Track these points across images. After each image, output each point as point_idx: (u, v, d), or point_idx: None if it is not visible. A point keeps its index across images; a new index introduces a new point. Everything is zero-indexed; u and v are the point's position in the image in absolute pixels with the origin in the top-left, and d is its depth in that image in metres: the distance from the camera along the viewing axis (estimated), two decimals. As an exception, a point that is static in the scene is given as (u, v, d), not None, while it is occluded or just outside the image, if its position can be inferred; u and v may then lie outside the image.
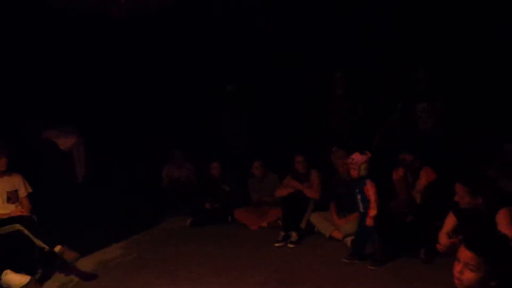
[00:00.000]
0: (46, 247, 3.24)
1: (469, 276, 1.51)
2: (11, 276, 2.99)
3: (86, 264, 3.60)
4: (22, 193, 3.74)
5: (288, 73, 5.22)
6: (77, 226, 3.91)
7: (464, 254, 1.54)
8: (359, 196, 3.42)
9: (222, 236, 4.31)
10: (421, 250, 3.26)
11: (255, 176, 4.83)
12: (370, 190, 3.35)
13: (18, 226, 3.28)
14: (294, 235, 3.96)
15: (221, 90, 5.50)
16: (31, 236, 3.24)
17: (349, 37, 4.93)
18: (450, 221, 2.88)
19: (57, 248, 3.32)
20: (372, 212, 3.30)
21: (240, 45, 5.30)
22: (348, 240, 3.75)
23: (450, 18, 4.45)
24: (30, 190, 3.81)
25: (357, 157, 3.39)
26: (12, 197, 3.66)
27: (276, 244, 3.91)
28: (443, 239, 2.82)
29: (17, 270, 3.08)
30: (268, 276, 3.22)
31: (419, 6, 4.62)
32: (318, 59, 5.08)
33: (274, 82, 5.30)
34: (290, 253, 3.73)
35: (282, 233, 4.01)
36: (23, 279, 3.00)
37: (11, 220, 3.39)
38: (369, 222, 3.30)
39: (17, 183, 3.74)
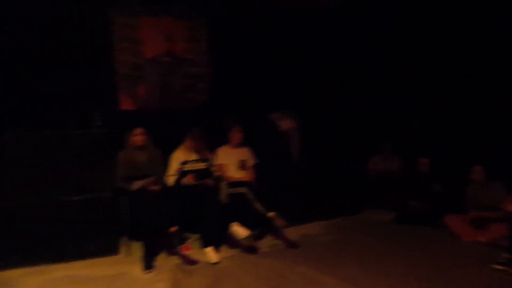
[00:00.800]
0: (263, 211, 3.80)
1: None
2: (237, 228, 3.69)
3: (290, 233, 4.02)
4: (250, 162, 4.43)
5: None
6: (287, 198, 4.39)
7: None
8: None
9: (428, 241, 3.97)
10: None
11: (474, 181, 4.23)
12: None
13: (244, 189, 3.97)
14: (523, 262, 3.28)
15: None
16: (252, 199, 3.88)
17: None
18: None
19: (271, 214, 3.80)
20: None
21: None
22: None
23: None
24: (255, 161, 4.50)
25: None
26: (242, 165, 4.38)
27: (496, 266, 3.32)
28: None
29: (241, 224, 3.76)
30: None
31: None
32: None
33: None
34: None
35: (506, 256, 3.37)
36: (245, 232, 3.65)
37: (240, 183, 4.10)
38: None
39: (246, 154, 4.44)
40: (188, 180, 3.91)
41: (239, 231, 3.69)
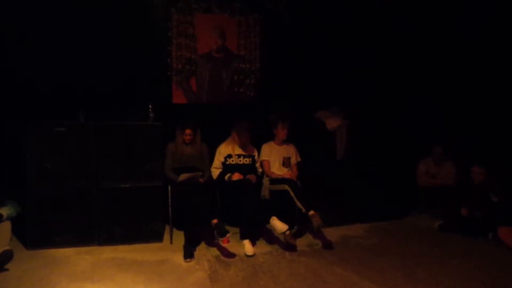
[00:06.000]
0: (304, 209, 3.78)
1: None
2: (276, 222, 3.73)
3: (331, 234, 3.99)
4: (293, 160, 4.44)
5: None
6: (329, 198, 4.34)
7: None
8: None
9: (477, 253, 3.73)
10: None
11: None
12: None
13: (286, 187, 3.98)
14: None
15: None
16: (294, 197, 3.87)
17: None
18: None
19: (311, 213, 3.75)
20: None
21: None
22: None
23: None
24: (299, 159, 4.49)
25: None
26: (286, 162, 4.40)
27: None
28: None
29: (281, 220, 3.79)
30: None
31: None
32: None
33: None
34: None
35: None
36: (283, 227, 3.67)
37: (282, 180, 4.12)
38: None
39: (291, 151, 4.45)
40: (234, 177, 4.03)
41: (278, 225, 3.71)
